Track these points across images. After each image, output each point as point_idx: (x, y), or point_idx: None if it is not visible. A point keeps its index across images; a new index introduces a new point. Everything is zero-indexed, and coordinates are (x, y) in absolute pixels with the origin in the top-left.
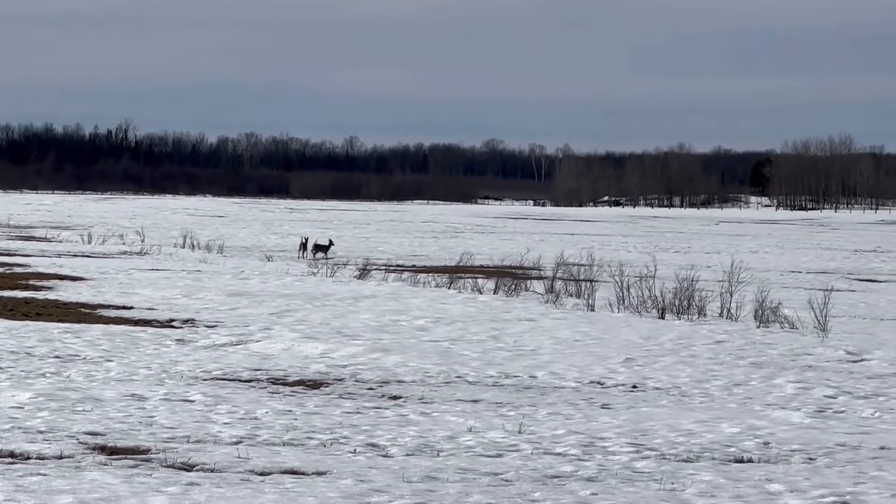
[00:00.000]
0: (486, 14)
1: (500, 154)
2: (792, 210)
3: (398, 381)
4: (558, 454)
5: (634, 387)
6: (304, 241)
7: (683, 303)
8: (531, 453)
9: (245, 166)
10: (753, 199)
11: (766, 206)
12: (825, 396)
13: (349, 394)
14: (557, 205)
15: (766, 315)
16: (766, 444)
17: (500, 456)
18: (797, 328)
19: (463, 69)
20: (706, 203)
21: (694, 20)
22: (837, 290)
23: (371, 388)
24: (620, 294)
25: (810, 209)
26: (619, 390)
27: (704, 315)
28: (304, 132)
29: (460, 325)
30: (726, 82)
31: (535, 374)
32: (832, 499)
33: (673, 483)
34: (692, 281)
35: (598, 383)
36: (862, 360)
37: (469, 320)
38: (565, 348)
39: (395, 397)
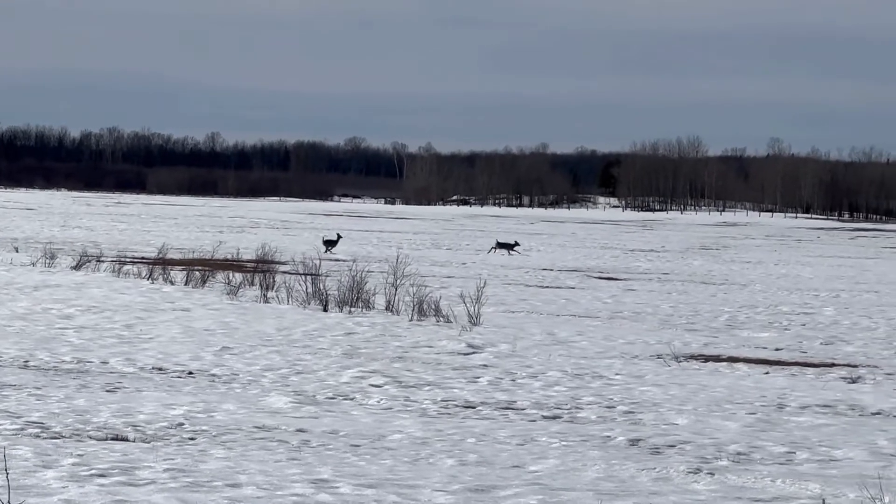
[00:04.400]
0: (353, 10)
1: (363, 152)
2: (639, 211)
3: None
4: None
5: (190, 373)
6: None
7: (354, 296)
8: None
9: (107, 161)
10: (601, 199)
11: (615, 206)
12: (370, 385)
13: None
14: (408, 203)
15: (425, 309)
16: (180, 425)
17: None
18: (451, 322)
19: (330, 66)
20: (554, 203)
21: (564, 19)
22: (560, 287)
23: None
24: (301, 286)
25: (657, 210)
26: (170, 377)
27: (370, 308)
28: (166, 128)
29: (108, 314)
30: (595, 83)
31: (108, 361)
32: (119, 472)
33: None
34: (363, 274)
35: (159, 369)
36: (473, 354)
37: (122, 309)
38: (185, 337)
39: None
